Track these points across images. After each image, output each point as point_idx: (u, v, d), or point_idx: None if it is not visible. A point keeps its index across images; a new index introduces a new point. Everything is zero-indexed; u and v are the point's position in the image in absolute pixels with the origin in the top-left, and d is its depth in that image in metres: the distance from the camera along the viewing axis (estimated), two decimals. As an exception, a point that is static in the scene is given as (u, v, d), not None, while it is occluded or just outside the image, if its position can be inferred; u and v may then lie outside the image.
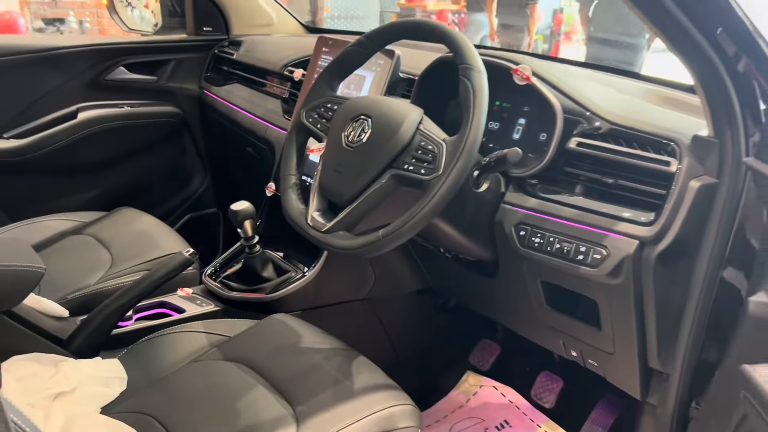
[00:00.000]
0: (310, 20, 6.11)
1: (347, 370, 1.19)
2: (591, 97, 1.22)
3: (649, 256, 1.08)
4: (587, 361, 1.34)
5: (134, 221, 1.85)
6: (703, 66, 0.96)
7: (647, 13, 0.94)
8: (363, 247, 1.08)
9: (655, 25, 0.95)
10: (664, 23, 0.93)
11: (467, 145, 1.03)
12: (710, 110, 1.01)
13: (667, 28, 0.94)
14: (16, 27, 5.12)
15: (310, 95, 1.29)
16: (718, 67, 0.95)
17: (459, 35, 1.11)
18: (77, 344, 1.31)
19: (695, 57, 0.96)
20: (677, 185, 1.05)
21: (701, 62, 0.96)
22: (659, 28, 0.95)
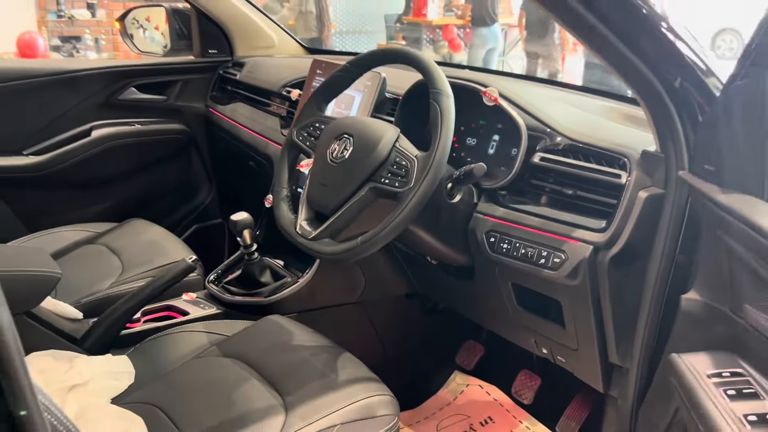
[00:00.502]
0: (316, 37, 6.25)
1: (333, 365, 1.31)
2: (553, 116, 1.34)
3: (603, 259, 1.19)
4: (556, 358, 1.45)
5: (144, 231, 1.97)
6: (643, 87, 1.08)
7: (590, 45, 1.05)
8: (345, 252, 1.20)
9: (599, 54, 1.07)
10: (607, 54, 1.05)
11: (435, 160, 1.15)
12: (655, 127, 1.13)
13: (609, 57, 1.06)
14: (35, 46, 5.31)
15: (301, 116, 1.42)
16: (657, 87, 1.06)
17: (430, 62, 1.24)
18: (90, 343, 1.44)
19: (636, 79, 1.07)
20: (626, 195, 1.17)
21: (642, 84, 1.07)
22: (603, 57, 1.07)
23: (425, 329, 1.99)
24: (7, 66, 2.12)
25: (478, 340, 1.98)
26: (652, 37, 1.02)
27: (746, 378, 0.86)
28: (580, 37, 1.05)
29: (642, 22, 1.01)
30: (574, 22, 1.01)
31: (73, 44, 7.15)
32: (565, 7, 0.98)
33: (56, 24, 6.92)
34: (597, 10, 0.98)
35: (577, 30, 1.03)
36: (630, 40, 1.02)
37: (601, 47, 1.04)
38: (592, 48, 1.06)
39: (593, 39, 1.03)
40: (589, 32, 1.02)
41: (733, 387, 0.84)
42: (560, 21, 1.04)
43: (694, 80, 1.05)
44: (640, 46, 1.02)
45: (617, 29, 1.01)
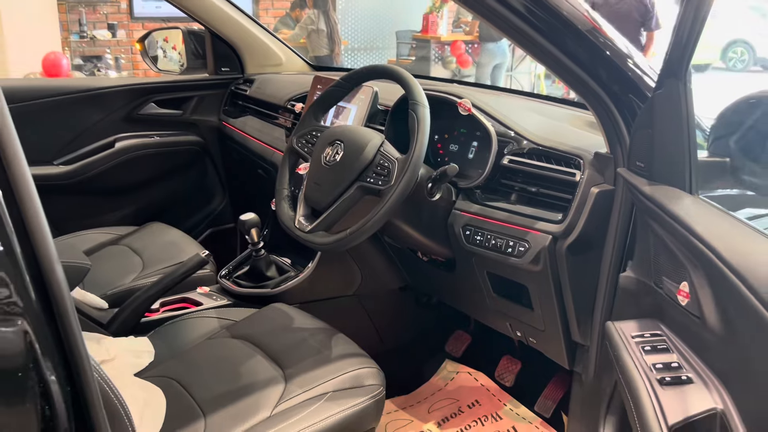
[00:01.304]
0: (327, 54, 6.47)
1: (327, 343, 1.49)
2: (520, 123, 1.52)
3: (561, 247, 1.36)
4: (528, 339, 1.62)
5: (162, 234, 2.16)
6: (593, 99, 1.25)
7: (541, 60, 1.23)
8: (336, 242, 1.39)
9: (554, 72, 1.25)
10: (557, 70, 1.23)
11: (412, 161, 1.34)
12: (604, 131, 1.30)
13: (560, 73, 1.24)
14: (60, 65, 5.57)
15: (300, 126, 1.61)
16: (604, 99, 1.24)
17: (409, 77, 1.43)
18: (115, 327, 1.63)
19: (587, 93, 1.25)
20: (579, 191, 1.34)
21: (588, 91, 1.24)
22: (557, 73, 1.25)
23: (418, 321, 2.16)
24: (40, 84, 2.33)
25: (465, 330, 2.15)
26: (591, 51, 1.19)
27: (662, 337, 1.02)
28: (532, 54, 1.23)
29: (582, 41, 1.18)
30: (525, 41, 1.19)
31: (95, 63, 7.40)
32: (514, 28, 1.16)
33: (78, 44, 7.19)
34: (547, 35, 1.16)
35: (528, 48, 1.22)
36: (573, 56, 1.19)
37: (549, 61, 1.22)
38: (542, 63, 1.25)
39: (541, 55, 1.21)
40: (536, 49, 1.20)
41: (650, 344, 1.01)
42: (513, 40, 1.22)
43: (634, 90, 1.22)
44: (587, 62, 1.20)
45: (561, 46, 1.19)
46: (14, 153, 0.62)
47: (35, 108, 2.23)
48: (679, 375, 0.91)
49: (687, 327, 0.97)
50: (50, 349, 0.65)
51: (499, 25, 1.19)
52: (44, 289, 0.65)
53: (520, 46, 1.24)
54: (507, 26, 1.17)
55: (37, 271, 0.64)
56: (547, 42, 1.18)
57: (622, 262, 1.32)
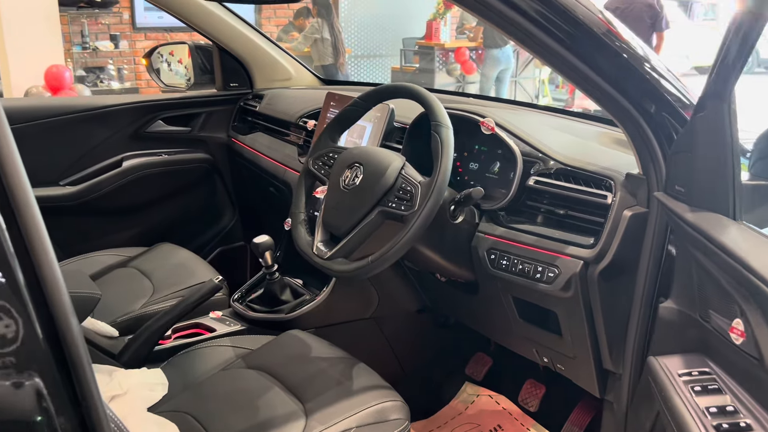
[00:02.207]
0: (332, 63, 6.43)
1: (348, 374, 1.43)
2: (546, 142, 1.46)
3: (593, 273, 1.30)
4: (556, 366, 1.56)
5: (172, 255, 2.11)
6: (626, 118, 1.20)
7: (570, 78, 1.18)
8: (357, 270, 1.33)
9: (582, 89, 1.19)
10: (589, 89, 1.17)
11: (436, 186, 1.28)
12: (636, 152, 1.24)
13: (595, 94, 1.18)
14: (62, 78, 5.52)
15: (316, 146, 1.55)
16: (638, 119, 1.18)
17: (430, 96, 1.37)
18: (126, 357, 1.57)
19: (619, 111, 1.19)
20: (612, 214, 1.28)
21: (624, 115, 1.19)
22: (585, 90, 1.19)
23: (436, 343, 2.10)
24: (44, 103, 2.28)
25: (486, 352, 2.09)
26: (630, 73, 1.14)
27: (712, 376, 0.96)
28: (563, 75, 1.17)
29: (620, 59, 1.13)
30: (555, 61, 1.13)
31: (97, 74, 7.39)
32: (543, 46, 1.11)
33: (81, 55, 7.18)
34: (575, 51, 1.11)
35: (559, 68, 1.16)
36: (609, 76, 1.13)
37: (583, 82, 1.16)
38: (574, 83, 1.19)
39: (577, 78, 1.16)
40: (567, 67, 1.14)
41: (700, 384, 0.95)
42: (541, 59, 1.16)
43: (670, 110, 1.16)
44: (619, 80, 1.14)
45: (596, 67, 1.13)
46: (17, 176, 0.57)
47: (40, 128, 2.18)
48: (737, 421, 0.85)
49: (742, 367, 0.91)
50: (60, 396, 0.60)
51: (519, 37, 1.13)
52: (52, 327, 0.59)
53: (548, 63, 1.18)
54: (533, 42, 1.12)
55: (44, 310, 0.58)
56: (577, 59, 1.12)
57: (656, 287, 1.27)
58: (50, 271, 0.58)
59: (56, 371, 0.60)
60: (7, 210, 0.56)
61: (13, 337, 0.55)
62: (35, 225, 0.57)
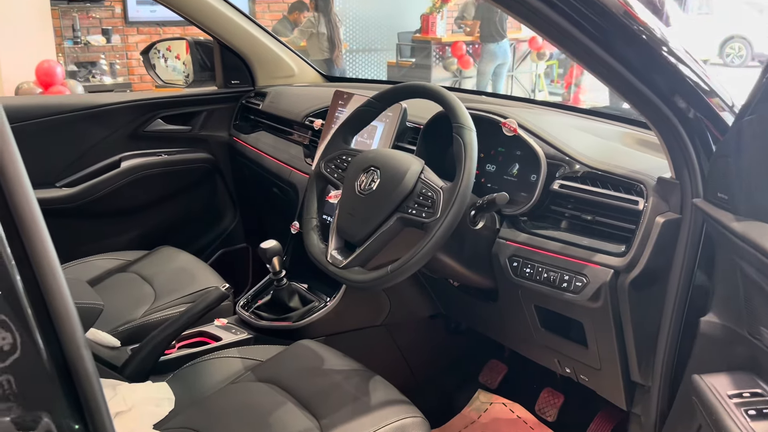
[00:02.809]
0: (328, 57, 6.34)
1: (364, 388, 1.36)
2: (571, 144, 1.39)
3: (623, 282, 1.24)
4: (579, 377, 1.50)
5: (173, 259, 2.03)
6: (660, 120, 1.13)
7: (610, 83, 1.11)
8: (374, 280, 1.26)
9: (612, 87, 1.13)
10: (620, 87, 1.11)
11: (460, 191, 1.21)
12: (670, 155, 1.18)
13: (627, 94, 1.11)
14: (54, 74, 5.41)
15: (328, 148, 1.48)
16: (673, 121, 1.12)
17: (452, 98, 1.30)
18: (130, 370, 1.50)
19: (652, 113, 1.13)
20: (644, 221, 1.22)
21: (658, 117, 1.13)
22: (616, 89, 1.13)
23: (449, 349, 2.04)
24: (39, 102, 2.20)
25: (500, 359, 2.02)
26: (666, 71, 1.07)
27: (766, 398, 0.90)
28: (591, 70, 1.10)
29: (654, 56, 1.06)
30: (583, 54, 1.06)
31: (89, 69, 7.28)
32: (572, 40, 1.04)
33: (72, 50, 7.06)
34: (609, 47, 1.04)
35: (587, 62, 1.09)
36: (642, 74, 1.07)
37: (613, 80, 1.09)
38: (604, 81, 1.12)
39: (605, 73, 1.09)
40: (600, 65, 1.07)
41: (754, 407, 0.89)
42: (569, 54, 1.09)
43: (707, 112, 1.10)
44: (653, 79, 1.08)
45: (628, 64, 1.06)
46: (18, 178, 0.51)
47: (35, 127, 2.10)
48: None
49: None
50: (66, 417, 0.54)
51: (542, 27, 1.06)
52: (56, 343, 0.54)
53: (579, 61, 1.11)
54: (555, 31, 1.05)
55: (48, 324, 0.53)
56: (610, 56, 1.05)
57: (687, 297, 1.21)
58: (54, 282, 0.53)
59: (62, 395, 0.55)
60: (7, 217, 0.51)
61: (10, 350, 0.50)
62: (38, 232, 0.53)
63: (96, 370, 0.60)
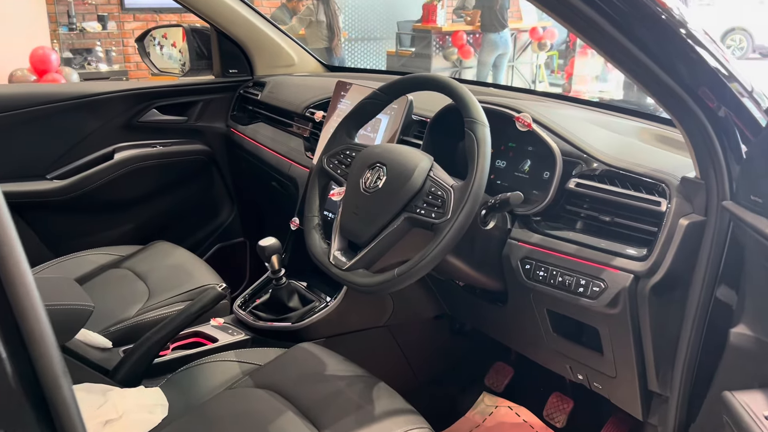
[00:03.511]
0: (327, 46, 6.24)
1: (368, 396, 1.29)
2: (588, 141, 1.32)
3: (644, 288, 1.17)
4: (593, 384, 1.43)
5: (168, 255, 1.96)
6: (685, 115, 1.06)
7: (632, 74, 1.03)
8: (380, 284, 1.19)
9: (637, 81, 1.05)
10: (646, 81, 1.03)
11: (473, 191, 1.14)
12: (695, 154, 1.11)
13: (650, 86, 1.04)
14: (48, 61, 5.31)
15: (331, 143, 1.40)
16: (700, 117, 1.04)
17: (464, 90, 1.23)
18: (122, 374, 1.43)
19: (678, 108, 1.05)
20: (667, 223, 1.15)
21: (684, 112, 1.05)
22: (641, 83, 1.05)
23: (453, 350, 1.97)
24: (30, 90, 2.11)
25: (507, 362, 1.96)
26: (691, 59, 1.00)
27: (805, 420, 0.84)
28: (613, 60, 1.03)
29: (677, 41, 0.99)
30: (605, 44, 0.99)
31: (85, 56, 7.18)
32: (582, 17, 0.96)
33: (68, 37, 6.95)
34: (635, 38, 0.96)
35: (609, 53, 1.01)
36: (663, 60, 0.99)
37: (631, 65, 1.02)
38: (629, 76, 1.05)
39: (630, 65, 1.01)
40: (625, 56, 0.99)
41: (794, 431, 0.82)
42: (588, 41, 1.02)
43: (739, 110, 1.03)
44: (676, 67, 1.00)
45: (657, 58, 0.99)
46: None
47: (25, 117, 2.02)
48: None
49: None
50: None
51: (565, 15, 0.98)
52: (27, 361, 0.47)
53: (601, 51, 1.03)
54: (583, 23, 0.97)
55: None
56: (631, 42, 0.97)
57: (710, 303, 1.14)
58: (23, 286, 0.47)
59: None
60: None
61: None
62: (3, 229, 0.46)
63: (74, 398, 0.53)
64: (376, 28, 9.11)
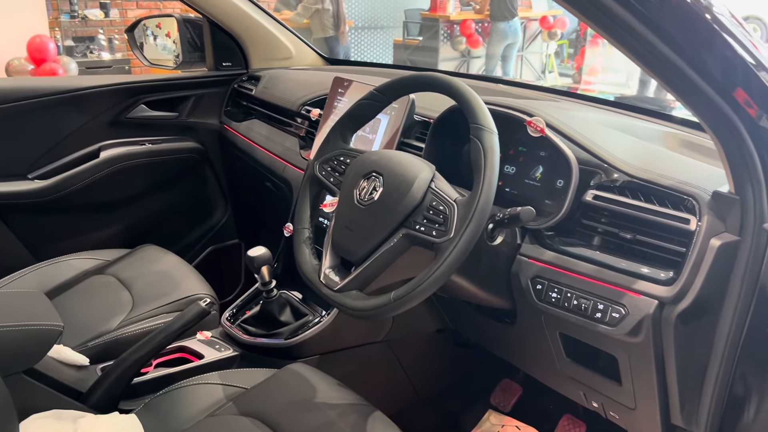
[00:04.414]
0: (333, 35, 6.10)
1: (362, 427, 1.18)
2: (608, 148, 1.19)
3: (669, 315, 1.05)
4: (608, 413, 1.31)
5: (156, 260, 1.85)
6: (719, 122, 0.93)
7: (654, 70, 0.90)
8: (374, 309, 1.07)
9: (660, 78, 0.92)
10: (670, 78, 0.90)
11: (478, 207, 1.01)
12: (730, 167, 0.98)
13: (676, 85, 0.91)
14: (46, 50, 5.20)
15: (324, 148, 1.28)
16: (736, 125, 0.92)
17: (470, 93, 1.10)
18: (96, 398, 1.32)
19: (709, 113, 0.92)
20: (697, 244, 1.02)
21: (717, 119, 0.93)
22: (669, 85, 0.92)
23: (457, 365, 1.85)
24: (10, 85, 1.99)
25: (515, 380, 1.84)
26: (731, 63, 0.87)
27: None
28: (632, 54, 0.89)
29: (716, 44, 0.86)
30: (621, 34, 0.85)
31: (87, 45, 7.07)
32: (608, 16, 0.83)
33: (70, 24, 6.83)
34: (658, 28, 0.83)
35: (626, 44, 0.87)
36: (710, 75, 0.87)
37: (662, 69, 0.88)
38: (651, 72, 0.91)
39: (651, 60, 0.88)
40: (646, 49, 0.86)
41: None
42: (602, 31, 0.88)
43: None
44: (712, 71, 0.87)
45: (683, 52, 0.85)
46: None
47: (5, 113, 1.91)
48: None
49: None
50: None
51: None
52: None
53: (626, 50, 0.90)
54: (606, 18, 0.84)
55: None
56: (661, 40, 0.84)
57: (743, 333, 1.02)
58: None
59: None
60: None
61: None
62: None
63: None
64: (382, 16, 8.95)
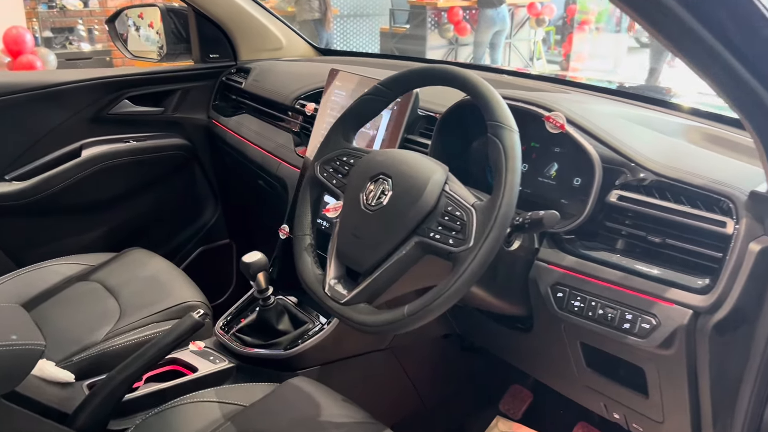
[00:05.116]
0: (319, 18, 5.98)
1: (371, 449, 1.10)
2: (632, 145, 1.10)
3: (705, 326, 0.97)
4: (632, 425, 1.24)
5: (144, 264, 1.76)
6: (759, 112, 0.84)
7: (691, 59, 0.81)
8: (386, 324, 0.98)
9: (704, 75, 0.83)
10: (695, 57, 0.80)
11: (500, 214, 0.92)
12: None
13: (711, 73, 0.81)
14: (23, 42, 5.04)
15: (324, 147, 1.19)
16: None
17: (487, 88, 1.01)
18: (83, 419, 1.22)
19: (753, 108, 0.84)
20: (735, 249, 0.94)
21: (762, 115, 0.84)
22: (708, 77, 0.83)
23: (464, 369, 1.77)
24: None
25: (525, 385, 1.76)
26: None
27: None
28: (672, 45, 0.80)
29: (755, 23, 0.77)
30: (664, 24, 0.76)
31: (66, 36, 6.91)
32: None
33: (47, 15, 6.66)
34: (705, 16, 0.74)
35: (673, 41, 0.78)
36: (736, 47, 0.77)
37: (706, 63, 0.79)
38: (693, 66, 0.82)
39: (696, 52, 0.79)
40: (690, 41, 0.77)
41: None
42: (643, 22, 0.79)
43: None
44: (751, 55, 0.78)
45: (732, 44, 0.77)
46: None
47: None
48: None
49: None
50: None
51: None
52: None
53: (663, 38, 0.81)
54: None
55: None
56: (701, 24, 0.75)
57: None
58: None
59: None
60: None
61: None
62: None
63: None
64: (368, 3, 8.82)
